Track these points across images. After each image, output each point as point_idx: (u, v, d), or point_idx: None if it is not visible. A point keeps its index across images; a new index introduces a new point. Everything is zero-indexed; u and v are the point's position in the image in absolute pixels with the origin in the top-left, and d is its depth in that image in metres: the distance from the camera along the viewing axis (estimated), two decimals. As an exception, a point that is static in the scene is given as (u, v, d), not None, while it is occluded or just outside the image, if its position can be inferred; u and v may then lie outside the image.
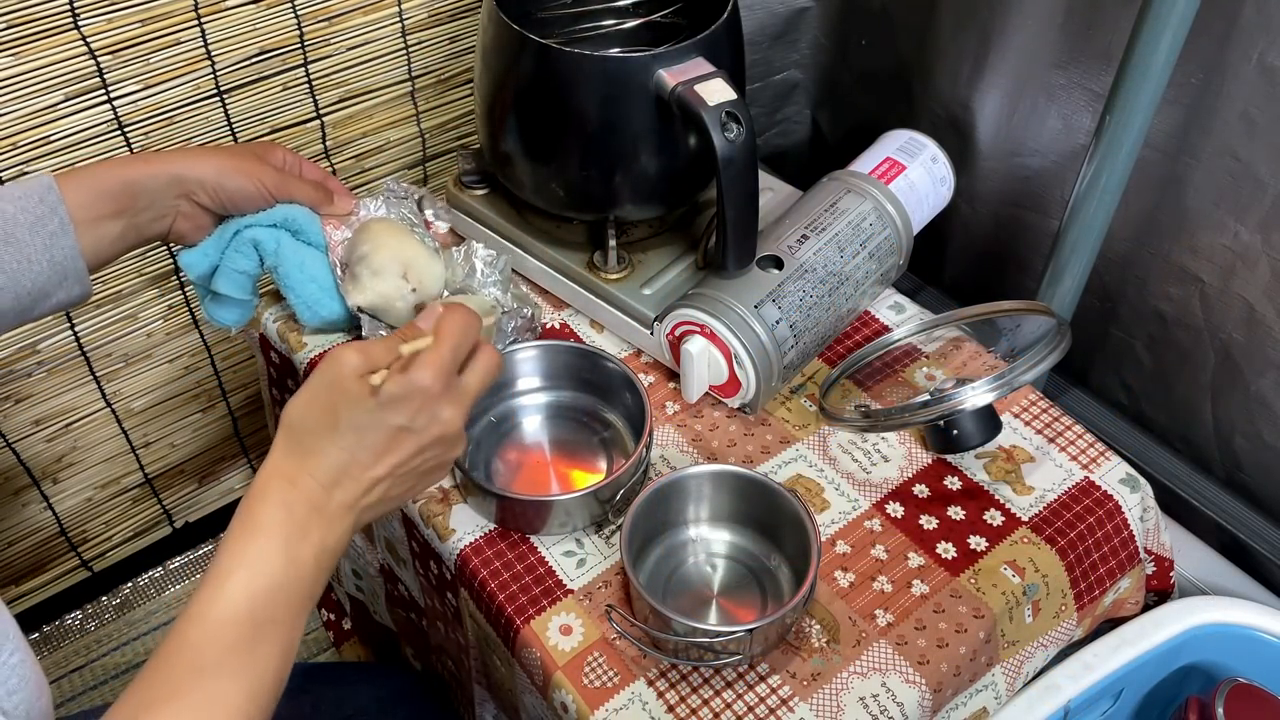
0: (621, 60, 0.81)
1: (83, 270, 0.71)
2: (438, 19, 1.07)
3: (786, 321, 0.82)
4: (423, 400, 0.59)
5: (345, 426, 0.58)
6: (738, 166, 0.76)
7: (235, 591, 0.54)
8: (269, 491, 0.57)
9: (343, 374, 0.58)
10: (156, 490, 1.21)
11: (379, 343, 0.60)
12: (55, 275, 0.70)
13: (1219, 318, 0.90)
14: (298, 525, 0.57)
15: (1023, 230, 1.05)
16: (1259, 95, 0.80)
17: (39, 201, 0.69)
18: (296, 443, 0.58)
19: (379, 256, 0.83)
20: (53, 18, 0.86)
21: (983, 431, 0.80)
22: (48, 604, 1.21)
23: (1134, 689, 0.84)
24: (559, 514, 0.77)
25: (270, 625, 0.55)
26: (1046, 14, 0.93)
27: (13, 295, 0.68)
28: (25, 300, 0.69)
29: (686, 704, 0.70)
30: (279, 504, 0.57)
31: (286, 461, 0.58)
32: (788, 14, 1.20)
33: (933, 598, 0.75)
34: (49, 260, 0.69)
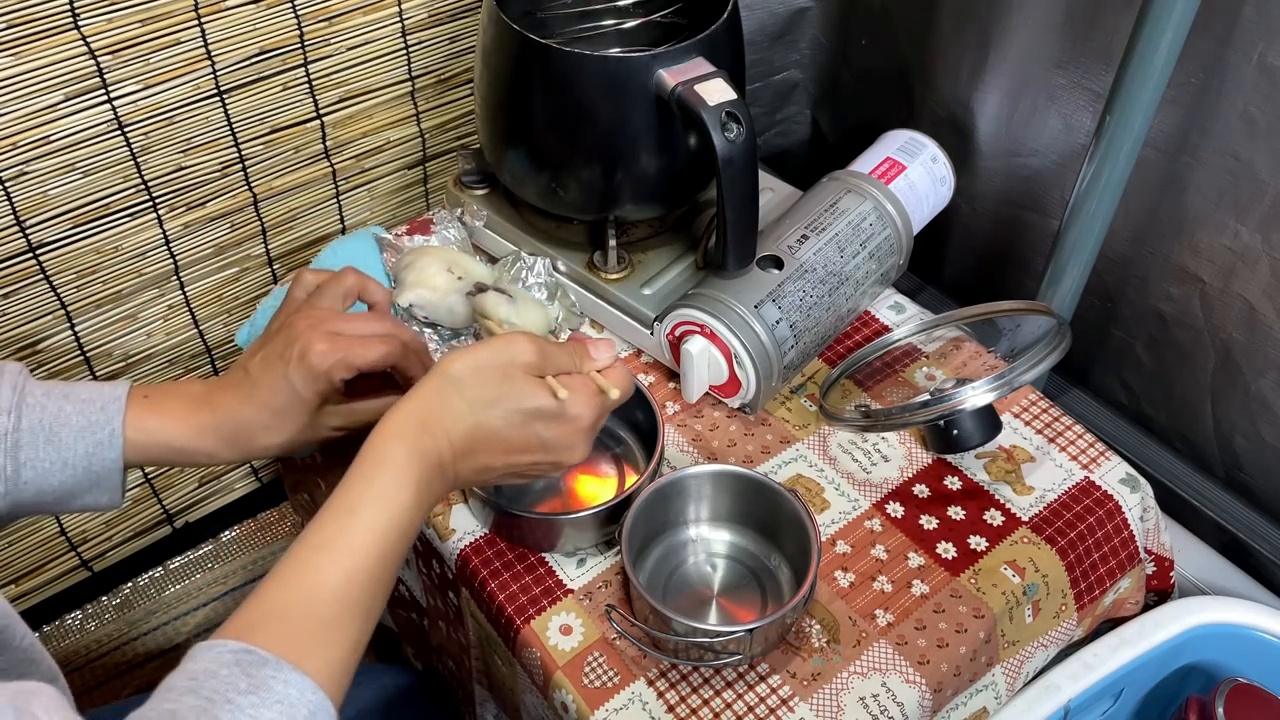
0: (621, 60, 0.81)
1: (118, 485, 0.66)
2: (438, 19, 1.07)
3: (786, 321, 0.82)
4: (576, 429, 0.61)
5: (500, 409, 0.59)
6: (738, 166, 0.76)
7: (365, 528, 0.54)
8: (404, 432, 0.57)
9: (516, 361, 0.60)
10: (156, 490, 1.21)
11: (557, 349, 0.62)
12: (87, 481, 0.65)
13: (1219, 318, 0.90)
14: (427, 472, 0.57)
15: (1023, 230, 1.05)
16: (1259, 95, 0.80)
17: (100, 409, 0.64)
18: (446, 399, 0.58)
19: (421, 261, 0.89)
20: (53, 18, 0.85)
21: (983, 431, 0.80)
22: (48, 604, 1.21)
23: (1134, 689, 0.84)
24: (569, 533, 0.76)
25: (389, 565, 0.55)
26: (1046, 14, 0.93)
27: (35, 490, 0.64)
28: (48, 498, 0.64)
29: (686, 704, 0.70)
30: (413, 447, 0.56)
31: (429, 409, 0.58)
32: (788, 14, 1.20)
33: (933, 598, 0.75)
34: (85, 467, 0.64)
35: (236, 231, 1.08)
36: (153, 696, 0.48)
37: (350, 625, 0.52)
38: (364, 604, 0.53)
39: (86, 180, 0.95)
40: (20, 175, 0.91)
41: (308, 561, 0.53)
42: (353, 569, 0.53)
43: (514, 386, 0.59)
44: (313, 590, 0.52)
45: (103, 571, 1.24)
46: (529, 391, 0.60)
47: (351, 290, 0.73)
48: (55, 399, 0.64)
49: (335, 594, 0.52)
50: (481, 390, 0.59)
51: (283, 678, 0.48)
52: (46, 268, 0.97)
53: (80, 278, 1.00)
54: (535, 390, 0.60)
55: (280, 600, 0.52)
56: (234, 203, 1.05)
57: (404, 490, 0.56)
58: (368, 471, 0.56)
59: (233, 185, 1.05)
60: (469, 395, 0.59)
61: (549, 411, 0.60)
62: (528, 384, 0.60)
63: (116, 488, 0.66)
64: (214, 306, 1.12)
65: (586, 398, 0.62)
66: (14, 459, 0.62)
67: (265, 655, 0.48)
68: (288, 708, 0.48)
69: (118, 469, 0.65)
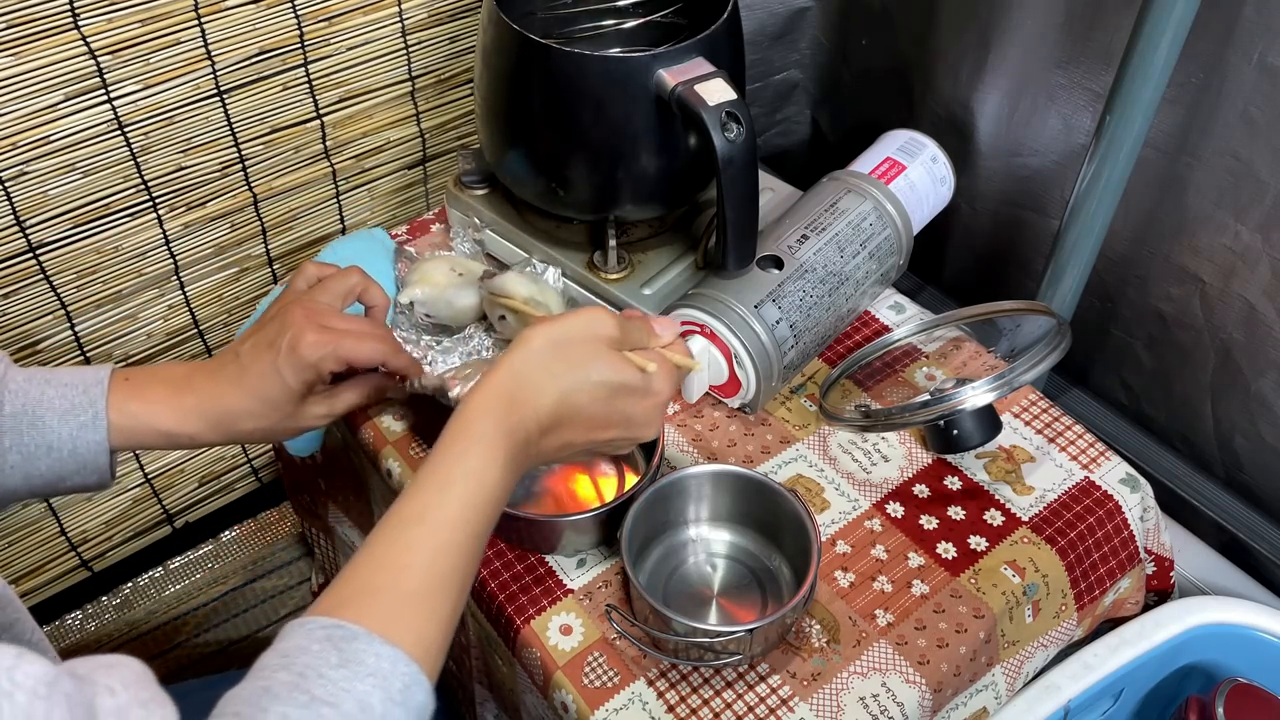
0: (621, 60, 0.81)
1: (105, 467, 0.66)
2: (438, 19, 1.07)
3: (786, 321, 0.82)
4: (654, 406, 0.61)
5: (586, 383, 0.58)
6: (738, 166, 0.76)
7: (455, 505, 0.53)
8: (494, 408, 0.56)
9: (599, 335, 0.59)
10: (156, 490, 1.21)
11: (633, 324, 0.62)
12: (74, 464, 0.65)
13: (1219, 318, 0.90)
14: (515, 448, 0.56)
15: (1023, 230, 1.05)
16: (1259, 95, 0.80)
17: (82, 391, 0.65)
18: (530, 373, 0.57)
19: (426, 265, 0.91)
20: (53, 18, 0.85)
21: (983, 431, 0.80)
22: (48, 604, 1.21)
23: (1134, 689, 0.84)
24: (570, 535, 0.76)
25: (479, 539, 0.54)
26: (1046, 14, 0.93)
27: (23, 475, 0.64)
28: (36, 483, 0.65)
29: (686, 704, 0.70)
30: (502, 422, 0.56)
31: (516, 385, 0.57)
32: (788, 14, 1.20)
33: (933, 598, 0.75)
34: (70, 450, 0.65)
35: (236, 231, 1.08)
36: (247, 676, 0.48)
37: (441, 599, 0.52)
38: (455, 578, 0.53)
39: (86, 180, 0.95)
40: (20, 175, 0.91)
41: (398, 537, 0.53)
42: (443, 543, 0.53)
43: (599, 361, 0.58)
44: (403, 565, 0.52)
45: (103, 571, 1.24)
46: (615, 366, 0.59)
47: (353, 289, 0.74)
48: (37, 384, 0.65)
49: (426, 568, 0.52)
50: (567, 365, 0.58)
51: (374, 650, 0.48)
52: (46, 268, 0.97)
53: (80, 278, 1.00)
54: (621, 365, 0.59)
55: (371, 576, 0.51)
56: (234, 203, 1.06)
57: (494, 467, 0.55)
58: (459, 447, 0.55)
59: (233, 185, 1.05)
60: (554, 369, 0.58)
61: (635, 387, 0.60)
62: (613, 358, 0.59)
63: (104, 469, 0.66)
64: (214, 306, 1.12)
65: (667, 373, 0.62)
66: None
67: (356, 629, 0.48)
68: (381, 680, 0.47)
69: (104, 451, 0.65)
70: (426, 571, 0.52)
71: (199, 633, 1.25)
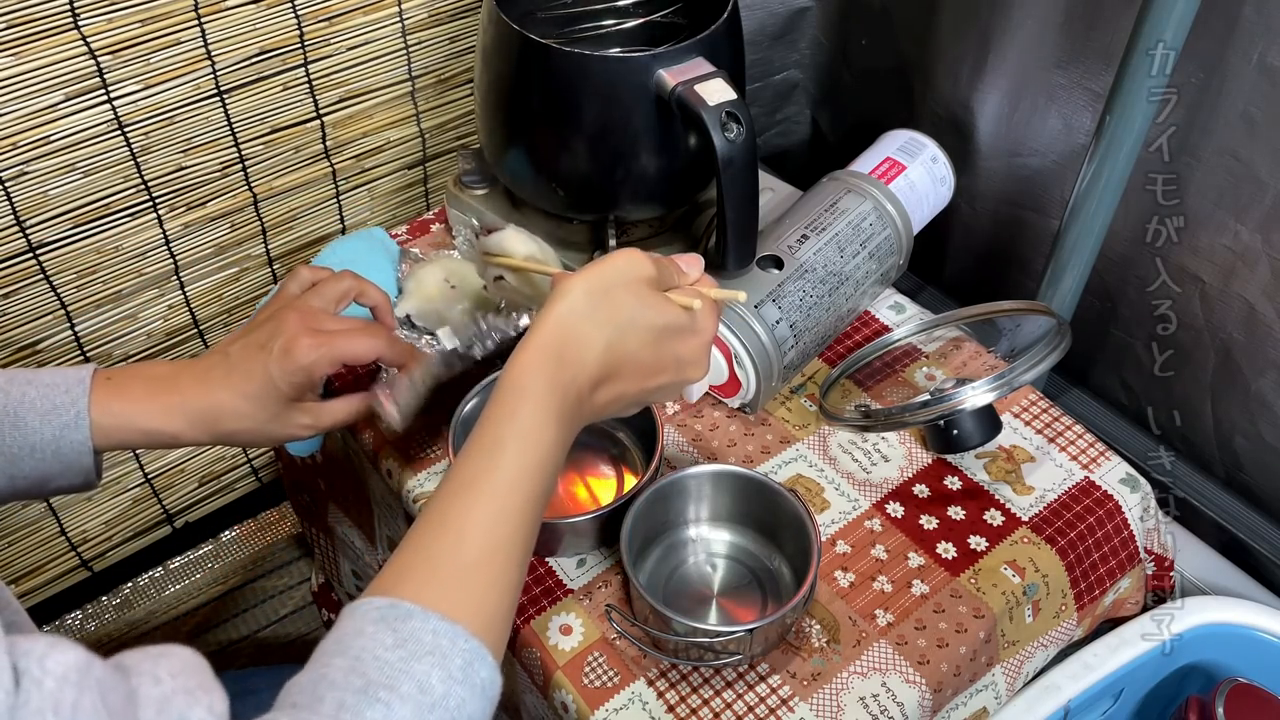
0: (621, 60, 0.81)
1: (90, 468, 0.65)
2: (438, 19, 1.07)
3: (786, 321, 0.82)
4: (701, 345, 0.59)
5: (636, 328, 0.55)
6: (738, 166, 0.76)
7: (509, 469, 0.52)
8: (542, 365, 0.54)
9: (640, 276, 0.56)
10: (156, 490, 1.21)
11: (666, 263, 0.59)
12: (58, 465, 0.65)
13: (1219, 318, 0.90)
14: (568, 405, 0.54)
15: (1023, 230, 1.05)
16: (1259, 95, 0.80)
17: (64, 391, 0.64)
18: (575, 325, 0.55)
19: (423, 271, 0.91)
20: (53, 18, 0.85)
21: (983, 431, 0.80)
22: (48, 604, 1.21)
23: (1134, 689, 0.84)
24: (569, 538, 0.76)
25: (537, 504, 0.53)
26: (1046, 14, 0.93)
27: (7, 478, 0.64)
28: (20, 484, 0.64)
29: (686, 704, 0.70)
30: (552, 380, 0.53)
31: (562, 339, 0.54)
32: (788, 14, 1.20)
33: (933, 598, 0.75)
34: (54, 451, 0.64)
35: (236, 231, 1.08)
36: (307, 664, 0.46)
37: (502, 567, 0.50)
38: (513, 545, 0.51)
39: (86, 180, 0.95)
40: (20, 175, 0.91)
41: (452, 505, 0.51)
42: (499, 510, 0.51)
43: (644, 304, 0.56)
44: (458, 534, 0.50)
45: (103, 571, 1.24)
46: (660, 308, 0.56)
47: (347, 293, 0.73)
48: (18, 384, 0.64)
49: (484, 536, 0.50)
50: (612, 312, 0.55)
51: (430, 628, 0.46)
52: (46, 268, 0.97)
53: (80, 278, 1.00)
54: (666, 306, 0.57)
55: (425, 547, 0.50)
56: (234, 203, 1.06)
57: (548, 426, 0.53)
58: (509, 408, 0.53)
59: (233, 185, 1.05)
60: (599, 318, 0.55)
61: (682, 326, 0.57)
62: (657, 300, 0.57)
63: (89, 470, 0.66)
64: (214, 306, 1.12)
65: (710, 308, 0.59)
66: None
67: (410, 607, 0.46)
68: (440, 659, 0.46)
69: (87, 451, 0.65)
70: (485, 539, 0.50)
71: (199, 633, 1.25)
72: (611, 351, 0.55)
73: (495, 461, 0.52)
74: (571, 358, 0.54)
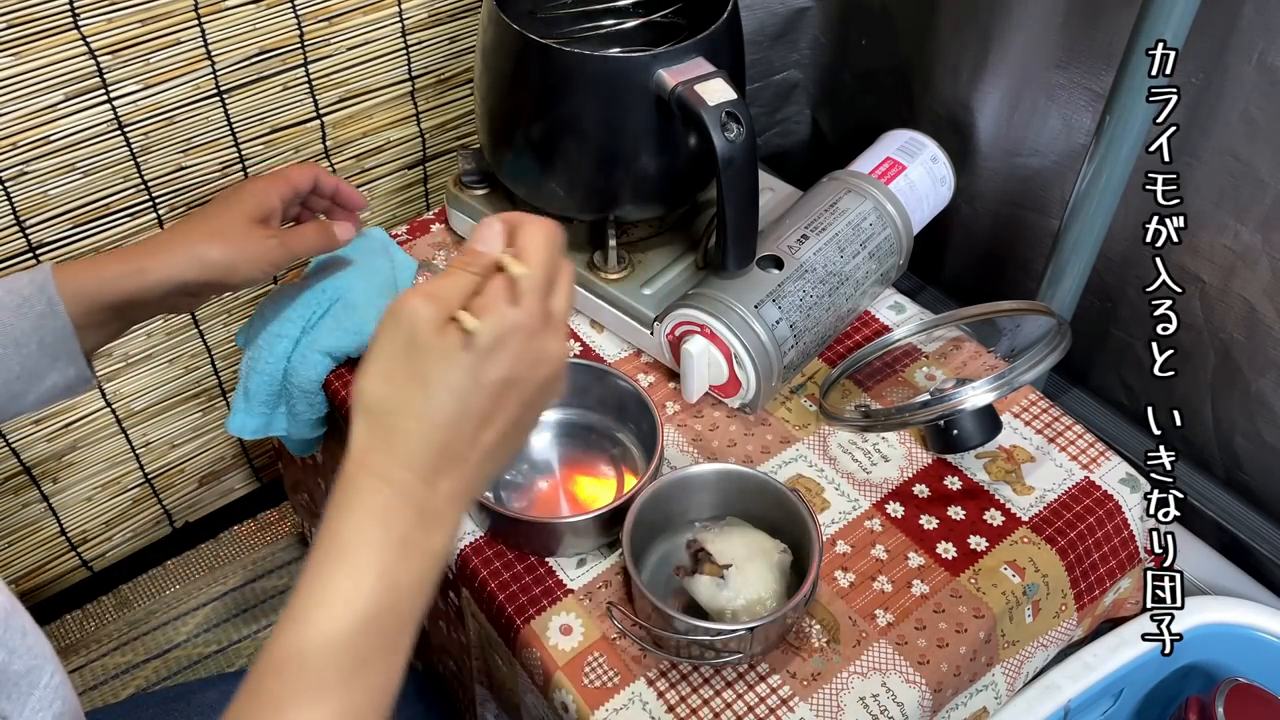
0: (621, 60, 0.81)
1: (76, 350, 0.67)
2: (438, 19, 1.07)
3: (786, 321, 0.82)
4: (524, 339, 0.48)
5: (440, 393, 0.46)
6: (738, 166, 0.76)
7: (323, 628, 0.45)
8: (357, 500, 0.47)
9: (418, 327, 0.47)
10: (156, 490, 1.21)
11: (445, 279, 0.49)
12: (46, 357, 0.66)
13: (1219, 318, 0.90)
14: (396, 543, 0.46)
15: (1023, 230, 1.05)
16: (1259, 95, 0.80)
17: (28, 282, 0.65)
18: (382, 428, 0.47)
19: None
20: (53, 18, 0.85)
21: (983, 431, 0.80)
22: (48, 604, 1.21)
23: (1134, 689, 0.84)
24: (569, 538, 0.76)
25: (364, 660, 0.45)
26: (1046, 14, 0.93)
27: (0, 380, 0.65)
28: (15, 385, 0.65)
29: (687, 704, 0.70)
30: (370, 516, 0.47)
31: (373, 455, 0.47)
32: (788, 14, 1.20)
33: (933, 598, 0.75)
34: (38, 342, 0.65)
35: (236, 231, 1.08)
36: None
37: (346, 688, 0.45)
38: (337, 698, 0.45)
39: (86, 180, 0.95)
40: (20, 175, 0.91)
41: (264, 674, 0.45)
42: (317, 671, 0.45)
43: (434, 355, 0.47)
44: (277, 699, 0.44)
45: (103, 571, 1.24)
46: (444, 350, 0.47)
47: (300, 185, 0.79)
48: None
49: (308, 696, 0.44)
50: (406, 391, 0.47)
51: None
52: (46, 268, 0.97)
53: (80, 278, 1.00)
54: (451, 343, 0.47)
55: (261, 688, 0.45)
56: (234, 203, 1.05)
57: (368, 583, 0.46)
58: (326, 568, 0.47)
59: (232, 185, 1.05)
60: (399, 407, 0.47)
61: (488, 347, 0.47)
62: (440, 341, 0.47)
63: (77, 355, 0.67)
64: (214, 306, 1.12)
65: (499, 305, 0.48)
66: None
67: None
68: None
69: (69, 334, 0.66)
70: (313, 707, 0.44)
71: (199, 633, 1.25)
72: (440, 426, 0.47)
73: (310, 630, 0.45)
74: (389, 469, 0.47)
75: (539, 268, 0.49)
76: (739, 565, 0.71)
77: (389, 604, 0.46)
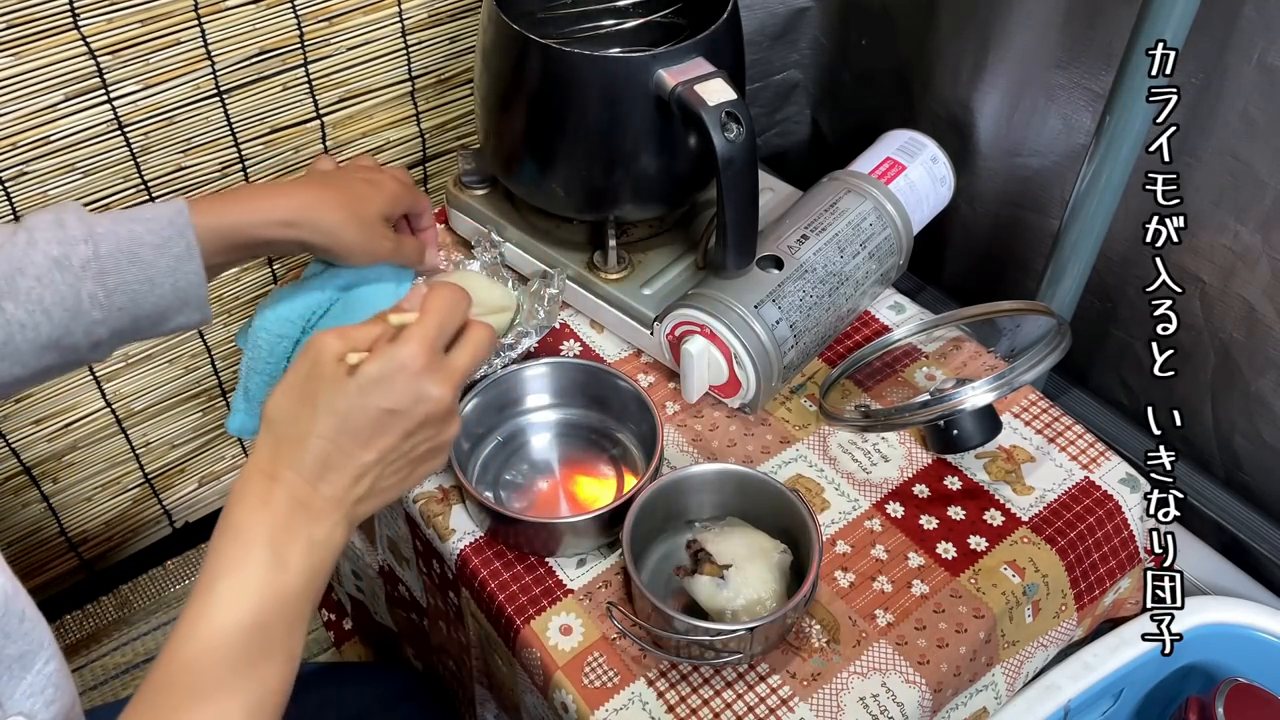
0: (621, 60, 0.81)
1: (204, 297, 0.68)
2: (438, 19, 1.07)
3: (786, 321, 0.82)
4: (406, 378, 0.56)
5: (325, 412, 0.55)
6: (738, 166, 0.76)
7: (222, 603, 0.52)
8: (248, 491, 0.55)
9: (321, 358, 0.56)
10: (156, 490, 1.21)
11: (361, 325, 0.58)
12: (177, 299, 0.67)
13: (1219, 318, 0.90)
14: (281, 525, 0.54)
15: (1023, 230, 1.05)
16: (1259, 95, 0.80)
17: (168, 223, 0.66)
18: (276, 437, 0.56)
19: None
20: (53, 18, 0.86)
21: (983, 431, 0.80)
22: (48, 604, 1.21)
23: (1134, 689, 0.84)
24: (569, 538, 0.76)
25: (264, 632, 0.52)
26: (1046, 14, 0.93)
27: (131, 316, 0.65)
28: (144, 323, 0.66)
29: (687, 704, 0.70)
30: (259, 504, 0.54)
31: (266, 458, 0.55)
32: (788, 14, 1.20)
33: (933, 598, 0.75)
34: (172, 284, 0.66)
35: (236, 231, 1.08)
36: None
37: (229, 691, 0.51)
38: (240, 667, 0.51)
39: (86, 180, 0.95)
40: (20, 175, 0.91)
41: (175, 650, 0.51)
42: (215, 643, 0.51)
43: (325, 380, 0.55)
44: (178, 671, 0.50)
45: (103, 571, 1.24)
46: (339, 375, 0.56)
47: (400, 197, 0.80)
48: (124, 223, 0.65)
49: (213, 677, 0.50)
50: (299, 407, 0.56)
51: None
52: (46, 268, 0.97)
53: (80, 278, 1.00)
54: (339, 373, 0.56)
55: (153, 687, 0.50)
56: (234, 203, 1.05)
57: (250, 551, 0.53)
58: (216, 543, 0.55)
59: (232, 185, 1.05)
60: (291, 419, 0.56)
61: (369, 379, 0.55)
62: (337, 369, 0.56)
63: (204, 301, 0.68)
64: (214, 306, 1.12)
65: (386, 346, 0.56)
66: (103, 284, 0.63)
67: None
68: None
69: (201, 281, 0.67)
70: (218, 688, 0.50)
71: (199, 633, 1.25)
72: (318, 439, 0.55)
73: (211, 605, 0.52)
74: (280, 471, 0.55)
75: (430, 316, 0.57)
76: (739, 565, 0.71)
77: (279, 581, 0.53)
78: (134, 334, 0.67)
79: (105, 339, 0.65)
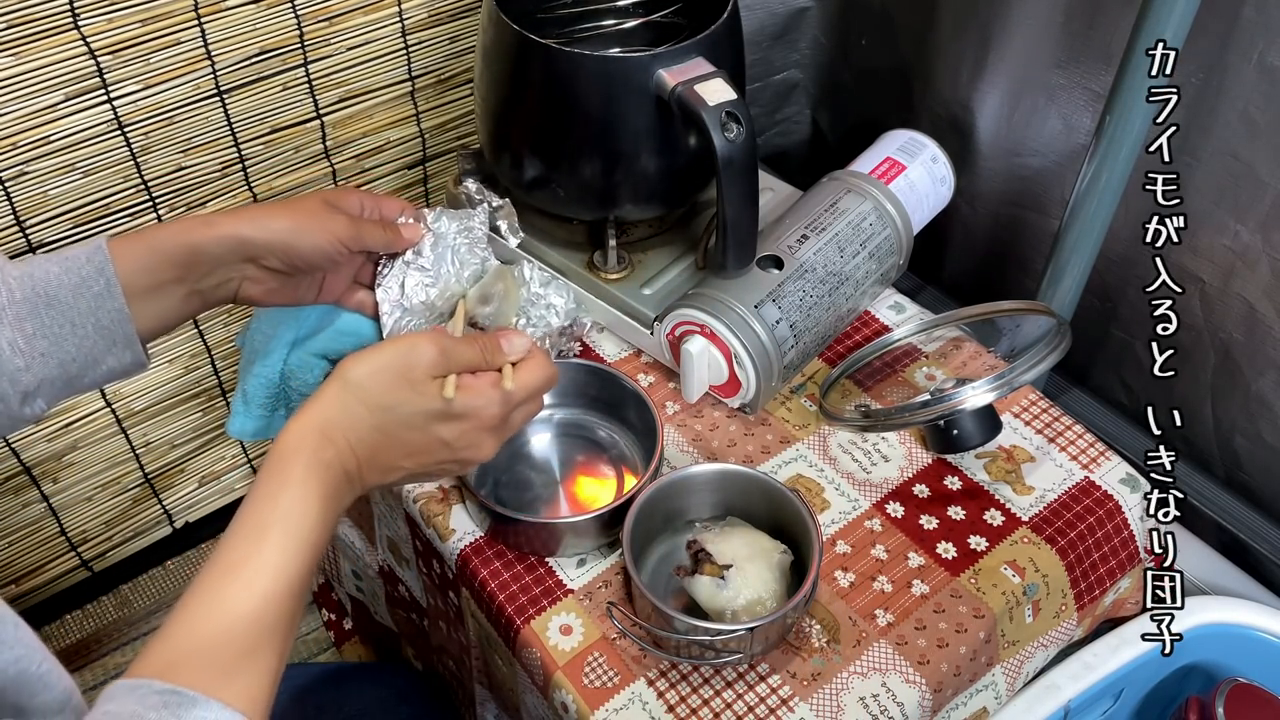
0: (621, 60, 0.81)
1: (132, 335, 0.66)
2: (438, 19, 1.07)
3: (786, 321, 0.82)
4: (475, 427, 0.61)
5: (399, 414, 0.58)
6: (738, 166, 0.76)
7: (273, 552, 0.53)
8: (303, 445, 0.56)
9: (418, 363, 0.59)
10: (156, 490, 1.21)
11: (463, 345, 0.61)
12: (103, 340, 0.65)
13: (1219, 318, 0.90)
14: (333, 482, 0.56)
15: (1023, 230, 1.05)
16: (1259, 95, 0.80)
17: (85, 262, 0.64)
18: (346, 405, 0.58)
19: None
20: (53, 18, 0.85)
21: (983, 431, 0.80)
22: (48, 604, 1.21)
23: (1134, 689, 0.84)
24: (569, 538, 0.76)
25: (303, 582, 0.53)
26: (1046, 14, 0.93)
27: (57, 362, 0.63)
28: (71, 368, 0.64)
29: (687, 704, 0.70)
30: (313, 458, 0.55)
31: (328, 417, 0.57)
32: (788, 14, 1.20)
33: (933, 598, 0.75)
34: (94, 324, 0.64)
35: (236, 231, 1.08)
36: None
37: (270, 649, 0.51)
38: (281, 625, 0.52)
39: (86, 180, 0.95)
40: (20, 175, 0.91)
41: (221, 589, 0.52)
42: (267, 592, 0.52)
43: (412, 390, 0.59)
44: (230, 619, 0.51)
45: (103, 571, 1.24)
46: (425, 393, 0.59)
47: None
48: (39, 266, 0.64)
49: (253, 620, 0.51)
50: (381, 394, 0.58)
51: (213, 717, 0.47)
52: (46, 268, 0.97)
53: (80, 278, 1.00)
54: (425, 393, 0.59)
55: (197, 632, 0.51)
56: (234, 203, 1.06)
57: (309, 505, 0.55)
58: (271, 489, 0.55)
59: (233, 185, 1.05)
60: (369, 400, 0.58)
61: (442, 412, 0.60)
62: (425, 386, 0.59)
63: (132, 338, 0.66)
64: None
65: (480, 393, 0.61)
66: (22, 330, 0.62)
67: (194, 695, 0.47)
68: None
69: (125, 319, 0.65)
70: (253, 624, 0.51)
71: (199, 633, 1.25)
72: (379, 431, 0.58)
73: (260, 546, 0.53)
74: (337, 436, 0.57)
75: (523, 390, 0.63)
76: (739, 565, 0.71)
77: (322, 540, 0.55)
78: (65, 384, 0.65)
79: (34, 389, 0.63)
